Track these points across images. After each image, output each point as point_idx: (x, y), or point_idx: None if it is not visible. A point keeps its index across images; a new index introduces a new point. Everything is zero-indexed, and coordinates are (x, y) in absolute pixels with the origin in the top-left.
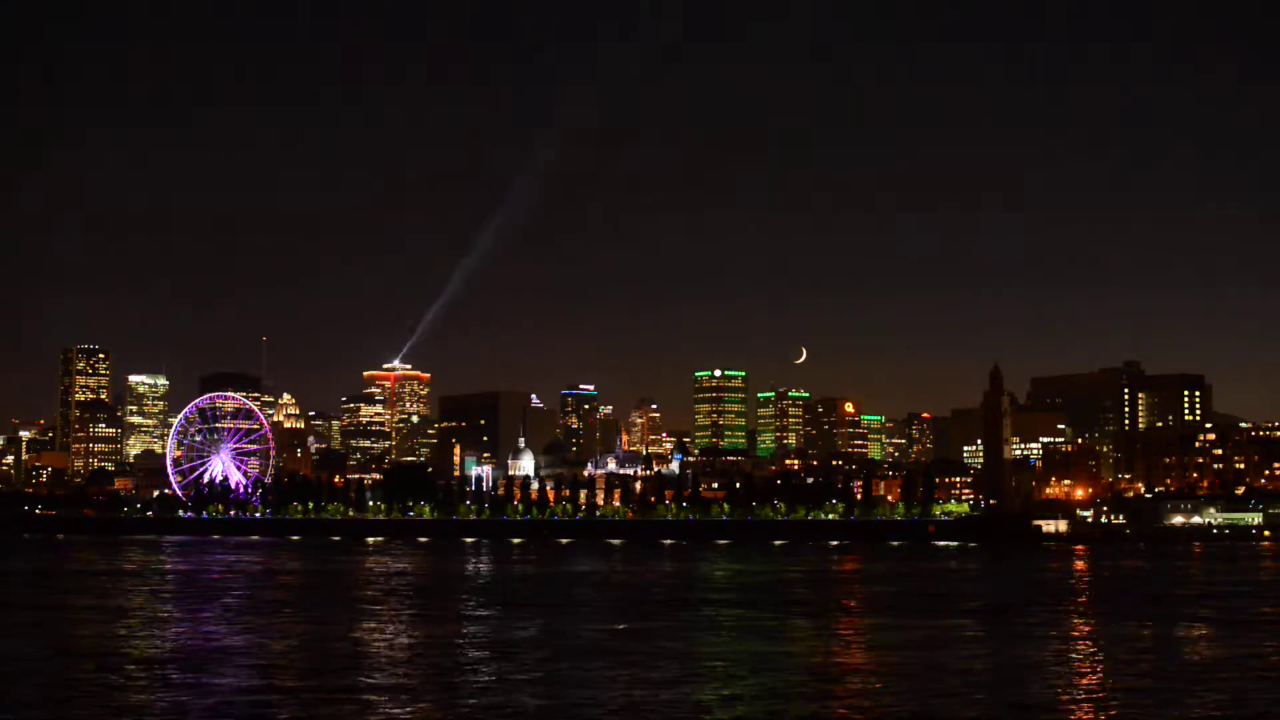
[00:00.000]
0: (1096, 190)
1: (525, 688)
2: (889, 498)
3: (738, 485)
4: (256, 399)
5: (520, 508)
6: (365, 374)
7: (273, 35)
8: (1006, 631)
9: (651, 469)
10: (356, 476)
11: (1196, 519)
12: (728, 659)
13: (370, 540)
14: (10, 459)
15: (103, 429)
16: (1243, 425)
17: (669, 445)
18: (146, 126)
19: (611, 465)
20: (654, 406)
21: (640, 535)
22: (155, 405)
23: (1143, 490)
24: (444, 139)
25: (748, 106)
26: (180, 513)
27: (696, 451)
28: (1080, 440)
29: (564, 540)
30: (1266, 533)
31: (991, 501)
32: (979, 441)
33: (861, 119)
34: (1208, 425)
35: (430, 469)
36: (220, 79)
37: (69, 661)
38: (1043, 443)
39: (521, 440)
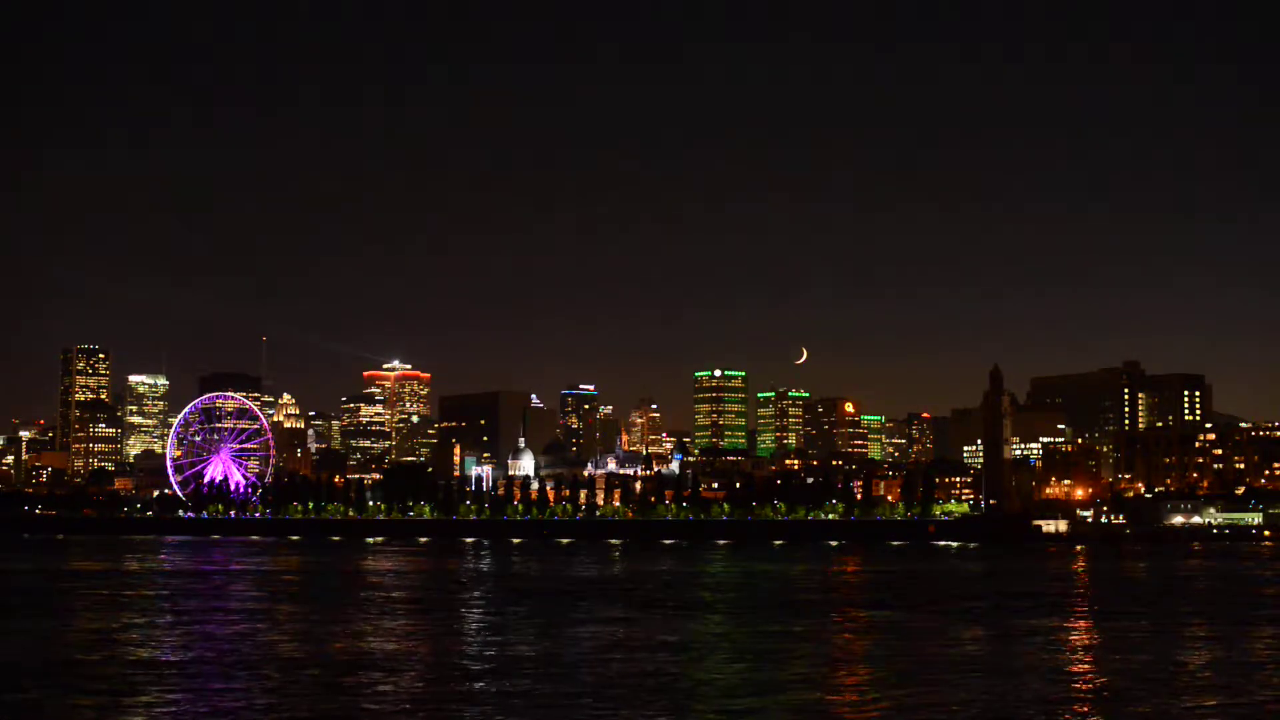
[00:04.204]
0: (1096, 190)
1: (745, 691)
2: (889, 498)
3: (738, 485)
4: (256, 399)
5: (520, 508)
6: (365, 374)
7: (272, 36)
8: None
9: (651, 469)
10: (356, 476)
11: (1196, 519)
12: (913, 660)
13: (370, 540)
14: (10, 459)
15: (103, 429)
16: (1243, 425)
17: (669, 445)
18: (147, 126)
19: (611, 465)
20: (654, 406)
21: (640, 535)
22: (155, 405)
23: (1143, 490)
24: (443, 139)
25: (748, 107)
26: (180, 513)
27: (696, 451)
28: (1080, 440)
29: (564, 540)
30: (1267, 533)
31: (991, 501)
32: (979, 441)
33: (862, 119)
34: (1208, 425)
35: (430, 469)
36: (220, 79)
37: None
38: (1043, 443)
39: (521, 440)
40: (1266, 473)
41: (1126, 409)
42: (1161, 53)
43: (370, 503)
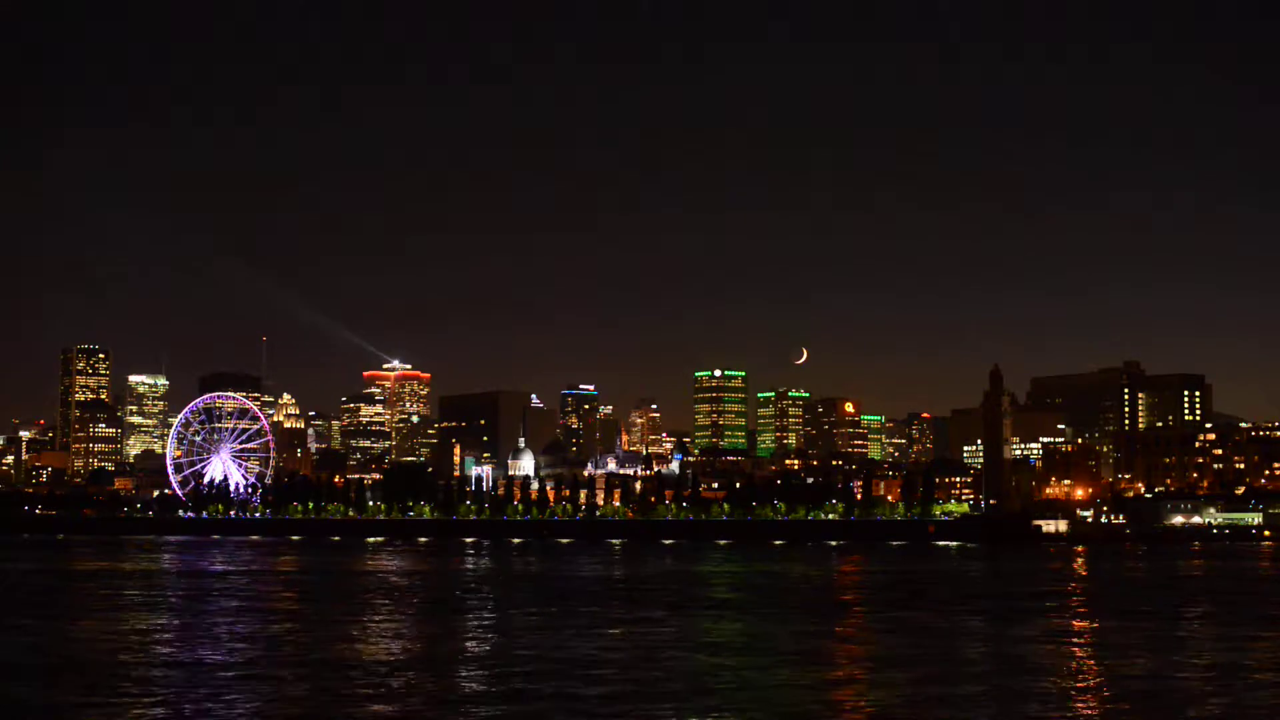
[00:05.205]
0: (1096, 190)
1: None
2: (889, 498)
3: (738, 485)
4: (256, 399)
5: (520, 508)
6: (365, 374)
7: (272, 35)
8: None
9: (651, 469)
10: (356, 476)
11: (1196, 519)
12: (958, 661)
13: (370, 540)
14: (10, 459)
15: (103, 429)
16: (1243, 425)
17: (669, 445)
18: (146, 126)
19: (611, 465)
20: (654, 406)
21: (640, 535)
22: (155, 405)
23: (1143, 490)
24: (442, 139)
25: (748, 106)
26: (180, 513)
27: (696, 451)
28: (1080, 440)
29: (564, 540)
30: (1267, 533)
31: (991, 501)
32: (979, 441)
33: (861, 119)
34: (1208, 425)
35: (430, 469)
36: (219, 79)
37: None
38: (1043, 443)
39: (521, 440)
40: (1266, 473)
41: (1126, 409)
42: (1161, 53)
43: (370, 503)
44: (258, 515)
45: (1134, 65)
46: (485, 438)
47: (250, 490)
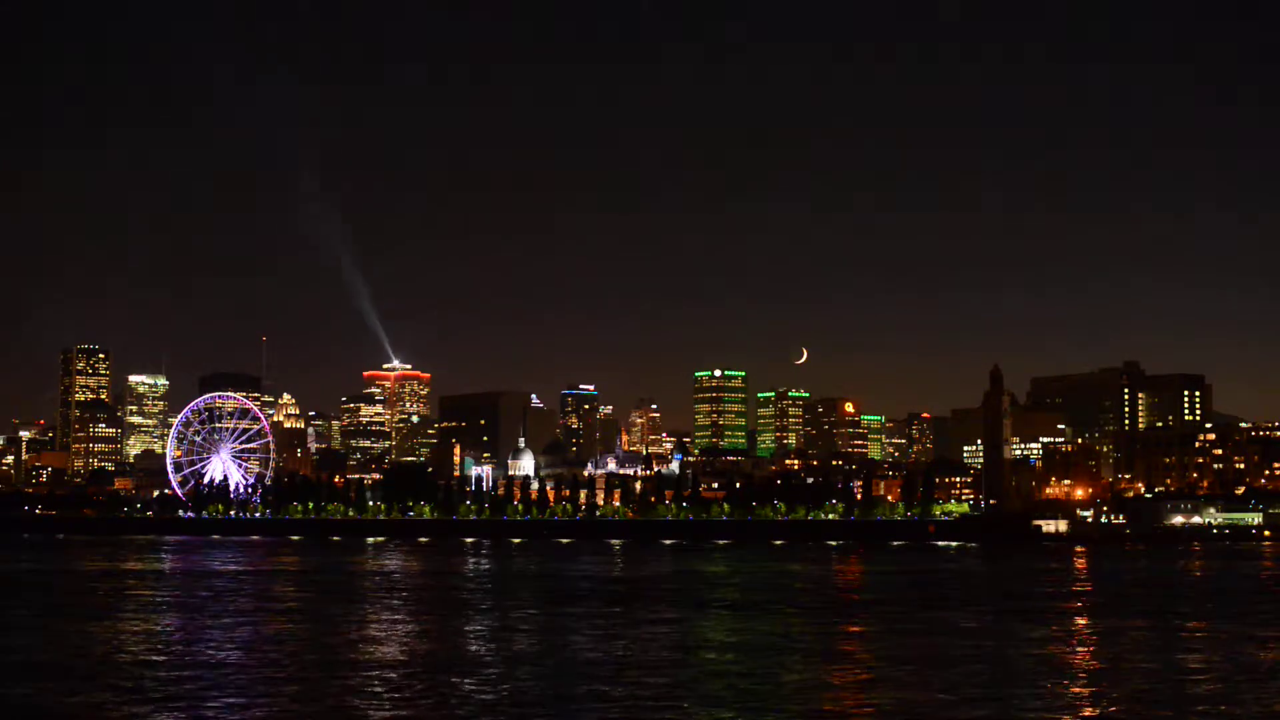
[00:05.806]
0: (1097, 190)
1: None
2: (889, 498)
3: (738, 485)
4: (256, 399)
5: (520, 508)
6: (365, 374)
7: (271, 36)
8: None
9: (651, 469)
10: (356, 476)
11: (1196, 519)
12: (989, 661)
13: (370, 540)
14: (10, 459)
15: (103, 429)
16: (1243, 425)
17: (669, 445)
18: (147, 126)
19: (611, 465)
20: (654, 406)
21: (640, 535)
22: (155, 405)
23: (1143, 490)
24: (441, 138)
25: (747, 106)
26: (180, 513)
27: (696, 451)
28: (1080, 440)
29: (564, 540)
30: (1267, 533)
31: (991, 501)
32: (979, 441)
33: (862, 119)
34: (1208, 425)
35: (430, 469)
36: (219, 80)
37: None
38: (1043, 443)
39: (521, 440)
40: (1266, 473)
41: (1126, 409)
42: (1162, 53)
43: (370, 503)
44: (258, 515)
45: (1133, 65)
46: (485, 438)
47: (250, 490)
